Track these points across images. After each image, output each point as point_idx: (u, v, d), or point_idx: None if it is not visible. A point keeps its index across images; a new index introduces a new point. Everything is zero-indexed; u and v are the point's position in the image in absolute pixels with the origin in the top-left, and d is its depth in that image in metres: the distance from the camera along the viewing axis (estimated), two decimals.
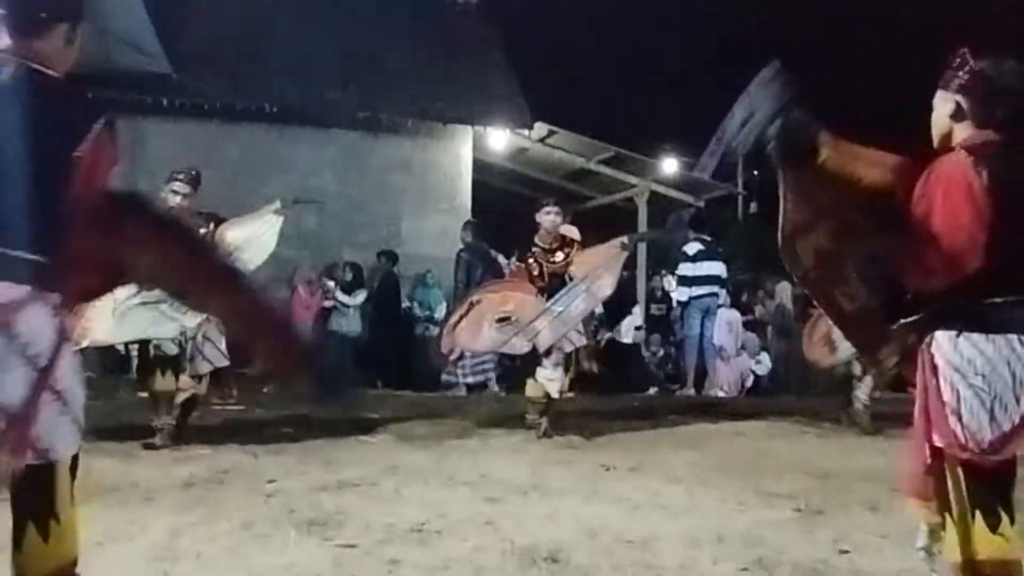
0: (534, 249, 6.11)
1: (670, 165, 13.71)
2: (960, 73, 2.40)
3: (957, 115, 2.40)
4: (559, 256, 6.07)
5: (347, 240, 10.90)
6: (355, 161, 11.08)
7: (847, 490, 4.55)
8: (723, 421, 6.91)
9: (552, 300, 5.89)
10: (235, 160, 10.51)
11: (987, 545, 2.24)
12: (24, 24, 2.17)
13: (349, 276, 10.09)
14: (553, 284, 5.98)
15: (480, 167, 12.08)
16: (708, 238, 9.83)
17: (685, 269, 9.59)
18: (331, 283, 9.85)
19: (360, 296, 9.99)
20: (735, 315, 10.60)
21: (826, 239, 2.50)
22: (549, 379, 5.89)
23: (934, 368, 2.32)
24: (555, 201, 6.39)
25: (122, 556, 3.22)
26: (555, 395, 5.93)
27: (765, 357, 10.63)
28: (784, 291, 11.23)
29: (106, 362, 8.52)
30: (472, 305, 6.03)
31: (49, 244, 2.07)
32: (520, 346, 5.93)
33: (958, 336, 2.28)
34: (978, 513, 2.25)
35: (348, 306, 9.88)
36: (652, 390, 10.07)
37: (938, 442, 2.30)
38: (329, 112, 10.75)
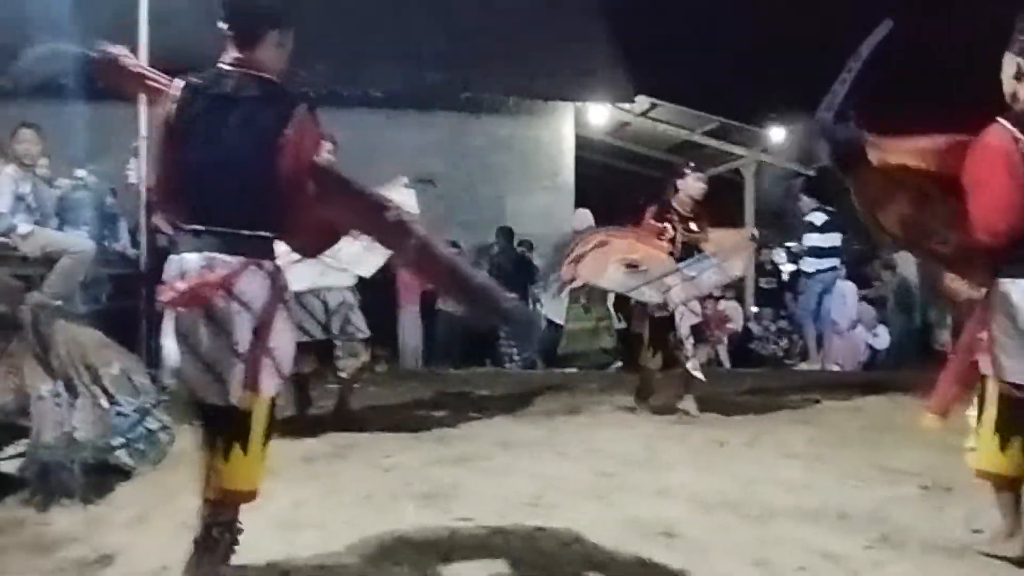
0: (669, 213, 5.91)
1: (777, 134, 13.29)
2: (1023, 37, 2.67)
3: (1020, 76, 2.65)
4: (694, 226, 5.90)
5: (453, 220, 11.03)
6: (458, 142, 11.18)
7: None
8: (840, 396, 6.70)
9: (684, 264, 5.75)
10: (343, 145, 10.69)
11: (999, 460, 2.84)
12: (242, 38, 2.60)
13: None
14: (683, 253, 5.81)
15: (582, 143, 12.00)
16: (831, 208, 9.44)
17: (813, 240, 9.21)
18: None
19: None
20: (851, 287, 10.22)
21: (904, 206, 2.89)
22: (689, 356, 5.76)
23: (992, 307, 2.76)
24: (700, 167, 6.21)
25: (249, 525, 3.37)
26: (696, 373, 5.77)
27: (883, 330, 10.21)
28: (906, 261, 10.75)
29: None
30: (600, 244, 5.80)
31: (269, 219, 2.55)
32: (649, 295, 5.76)
33: (1015, 282, 2.69)
34: (1001, 434, 2.81)
35: None
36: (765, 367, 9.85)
37: (984, 370, 2.80)
38: (431, 95, 10.88)
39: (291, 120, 2.51)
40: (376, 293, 9.92)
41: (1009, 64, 2.70)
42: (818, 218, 9.11)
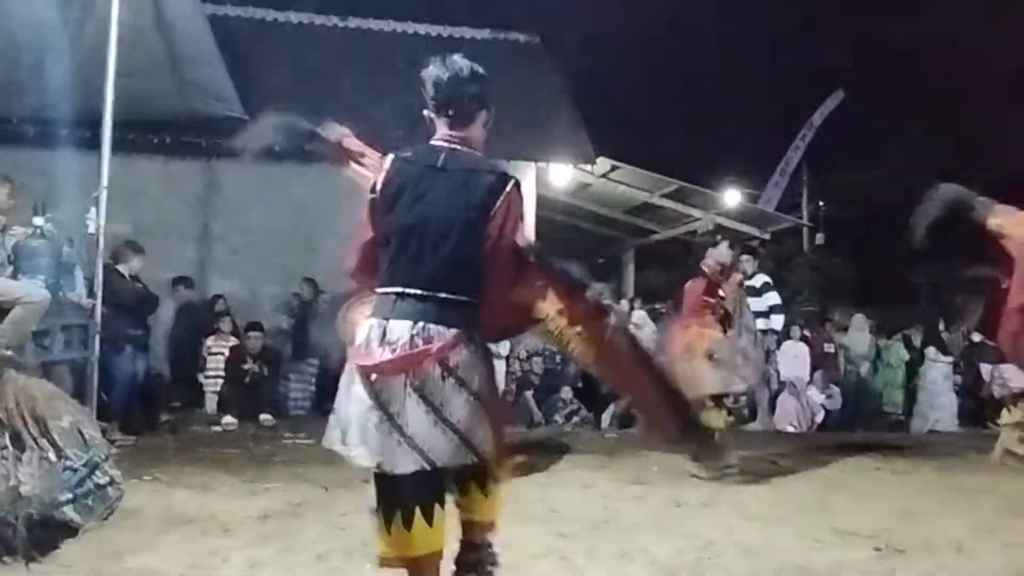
0: (715, 287, 5.93)
1: (733, 197, 13.62)
2: None
3: None
4: (721, 292, 5.98)
5: None
6: None
7: (928, 528, 4.42)
8: (795, 456, 6.77)
9: (738, 336, 5.81)
10: (307, 200, 10.78)
11: None
12: (454, 119, 2.77)
13: None
14: (725, 323, 5.87)
15: (543, 203, 12.15)
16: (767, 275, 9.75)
17: (755, 304, 9.42)
18: None
19: None
20: (803, 348, 10.40)
21: None
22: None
23: None
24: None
25: None
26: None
27: (836, 391, 10.38)
28: (859, 323, 10.99)
29: (181, 397, 8.76)
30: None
31: (475, 289, 2.59)
32: (738, 385, 5.84)
33: None
34: None
35: None
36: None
37: None
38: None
39: (504, 193, 2.62)
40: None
41: None
42: (758, 280, 9.32)
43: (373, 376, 2.52)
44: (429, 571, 2.62)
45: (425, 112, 2.83)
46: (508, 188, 2.64)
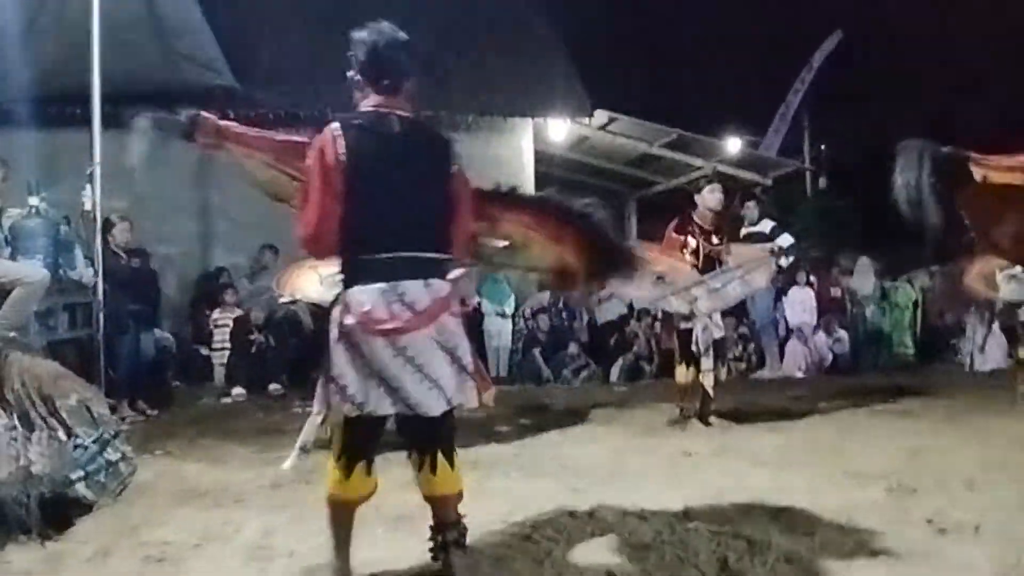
0: (690, 226, 5.93)
1: (734, 144, 13.50)
2: None
3: None
4: (715, 240, 5.93)
5: None
6: None
7: (939, 467, 4.42)
8: (804, 402, 6.78)
9: (709, 275, 5.79)
10: None
11: None
12: (386, 87, 2.93)
13: None
14: (705, 266, 5.84)
15: (542, 158, 12.06)
16: (776, 217, 9.62)
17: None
18: None
19: None
20: (809, 293, 10.36)
21: (1013, 223, 2.90)
22: (707, 369, 5.79)
23: None
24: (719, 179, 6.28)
25: (220, 556, 3.32)
26: (710, 385, 5.81)
27: (843, 335, 10.36)
28: (864, 266, 10.93)
29: (191, 371, 8.79)
30: None
31: (449, 243, 2.88)
32: (677, 305, 5.79)
33: None
34: None
35: None
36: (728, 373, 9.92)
37: None
38: None
39: (454, 154, 2.97)
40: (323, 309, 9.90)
41: None
42: (766, 226, 9.24)
43: (402, 336, 2.72)
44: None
45: (351, 75, 2.99)
46: (454, 149, 3.00)
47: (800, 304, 10.16)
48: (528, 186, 11.52)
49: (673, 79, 23.62)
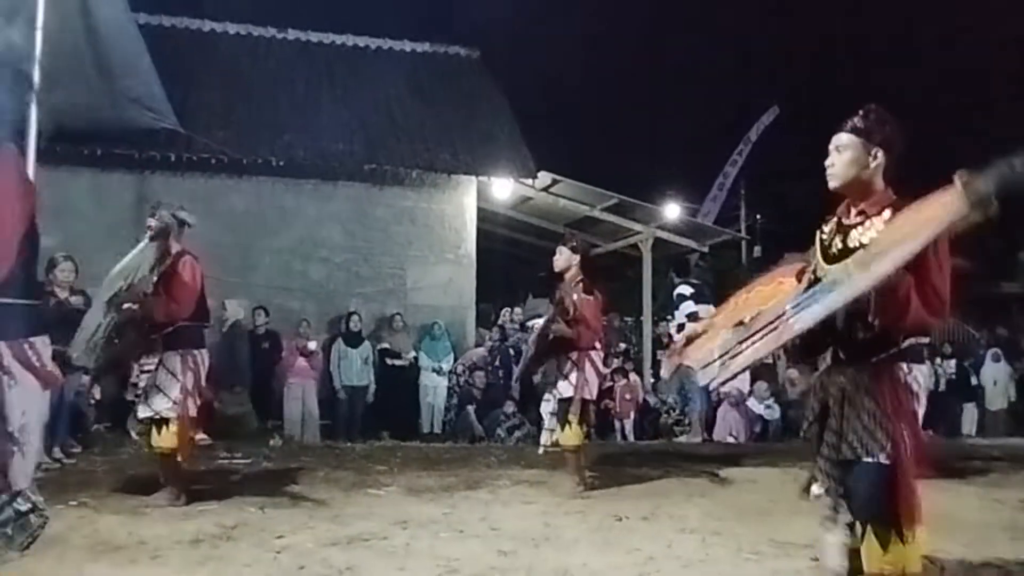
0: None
1: (673, 211, 13.79)
2: None
3: None
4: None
5: (353, 290, 10.94)
6: (361, 213, 11.15)
7: None
8: (734, 468, 6.84)
9: None
10: (242, 213, 10.60)
11: None
12: None
13: (357, 326, 10.11)
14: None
15: (485, 216, 12.14)
16: (696, 281, 9.89)
17: (688, 307, 9.49)
18: (309, 343, 9.77)
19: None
20: None
21: None
22: (548, 428, 5.83)
23: None
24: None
25: None
26: (544, 443, 5.84)
27: (774, 402, 10.54)
28: None
29: (111, 417, 8.48)
30: None
31: None
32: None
33: None
34: None
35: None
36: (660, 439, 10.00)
37: None
38: (335, 165, 10.85)
39: None
40: (258, 366, 9.75)
41: None
42: (686, 289, 9.45)
43: None
44: None
45: None
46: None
47: None
48: (471, 243, 11.63)
49: (616, 145, 24.19)
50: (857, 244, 2.71)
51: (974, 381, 11.99)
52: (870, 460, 2.60)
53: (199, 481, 5.67)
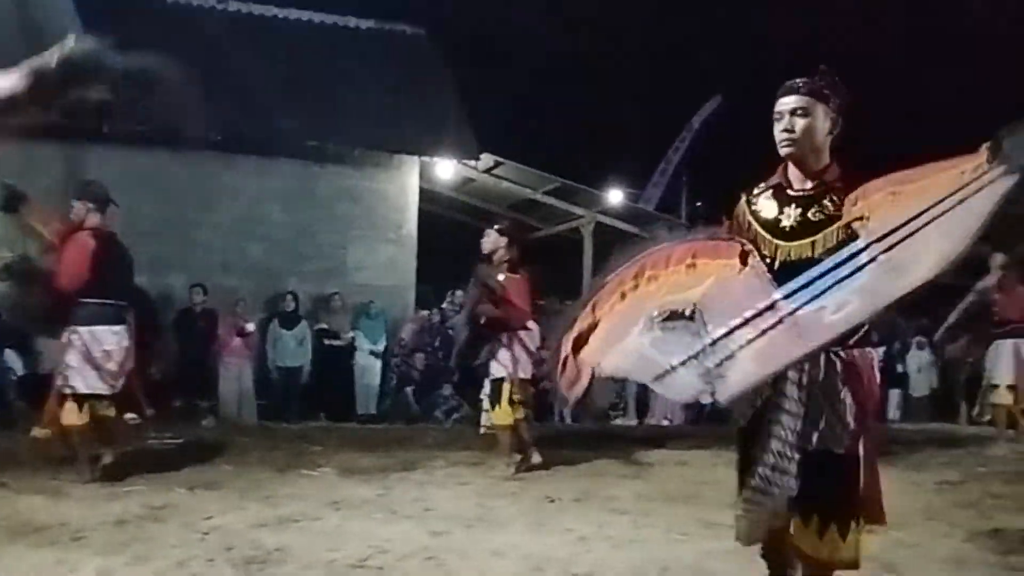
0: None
1: (615, 196, 13.90)
2: None
3: None
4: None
5: (293, 269, 10.79)
6: (302, 190, 10.98)
7: None
8: (667, 450, 6.94)
9: None
10: (181, 188, 10.34)
11: None
12: None
13: (292, 306, 9.99)
14: None
15: (427, 197, 12.08)
16: None
17: None
18: (247, 323, 9.63)
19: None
20: None
21: None
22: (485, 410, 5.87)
23: None
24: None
25: None
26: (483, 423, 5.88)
27: None
28: None
29: (32, 393, 8.25)
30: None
31: None
32: None
33: None
34: None
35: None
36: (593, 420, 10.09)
37: None
38: (276, 141, 10.65)
39: None
40: (192, 344, 9.59)
41: None
42: None
43: None
44: None
45: None
46: None
47: None
48: (412, 223, 11.55)
49: (559, 129, 24.21)
50: (823, 217, 2.49)
51: (899, 368, 12.33)
52: (841, 452, 2.47)
53: (127, 461, 5.56)
